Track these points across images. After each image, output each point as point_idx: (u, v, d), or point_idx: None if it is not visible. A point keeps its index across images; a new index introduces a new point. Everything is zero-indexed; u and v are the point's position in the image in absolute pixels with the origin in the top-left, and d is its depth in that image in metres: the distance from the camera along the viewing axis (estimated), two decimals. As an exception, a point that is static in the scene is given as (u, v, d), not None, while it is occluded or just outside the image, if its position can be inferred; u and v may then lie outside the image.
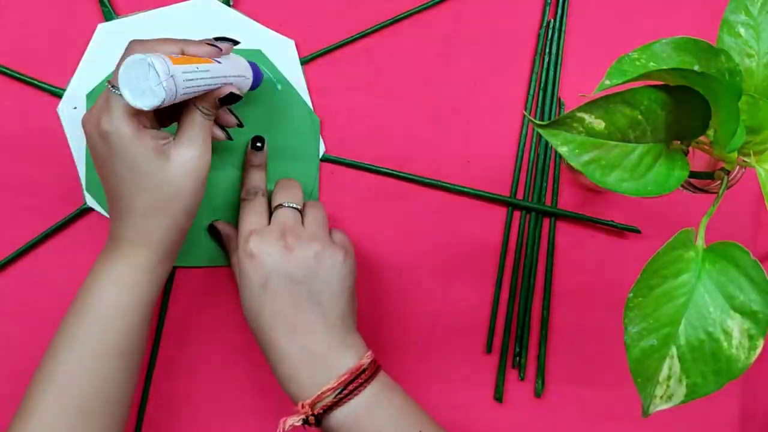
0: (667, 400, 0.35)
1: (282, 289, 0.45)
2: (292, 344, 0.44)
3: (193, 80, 0.41)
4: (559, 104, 0.55)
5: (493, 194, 0.55)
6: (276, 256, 0.45)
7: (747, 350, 0.34)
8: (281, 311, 0.45)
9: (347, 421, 0.44)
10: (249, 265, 0.45)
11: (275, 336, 0.45)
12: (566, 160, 0.35)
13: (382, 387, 0.45)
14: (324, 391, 0.43)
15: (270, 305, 0.45)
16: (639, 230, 0.55)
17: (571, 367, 0.55)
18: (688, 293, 0.36)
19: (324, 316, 0.45)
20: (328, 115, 0.54)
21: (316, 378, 0.44)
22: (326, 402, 0.44)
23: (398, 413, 0.45)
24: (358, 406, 0.44)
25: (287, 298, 0.45)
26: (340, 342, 0.45)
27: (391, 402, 0.45)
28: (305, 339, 0.45)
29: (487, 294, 0.55)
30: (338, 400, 0.43)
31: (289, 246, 0.46)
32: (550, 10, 0.55)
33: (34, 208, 0.53)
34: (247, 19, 0.54)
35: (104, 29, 0.53)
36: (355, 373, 0.44)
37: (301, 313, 0.45)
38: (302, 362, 0.44)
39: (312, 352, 0.44)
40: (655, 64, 0.36)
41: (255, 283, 0.45)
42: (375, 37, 0.55)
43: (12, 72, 0.53)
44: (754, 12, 0.38)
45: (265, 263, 0.45)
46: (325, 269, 0.46)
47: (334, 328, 0.46)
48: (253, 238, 0.46)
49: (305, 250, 0.46)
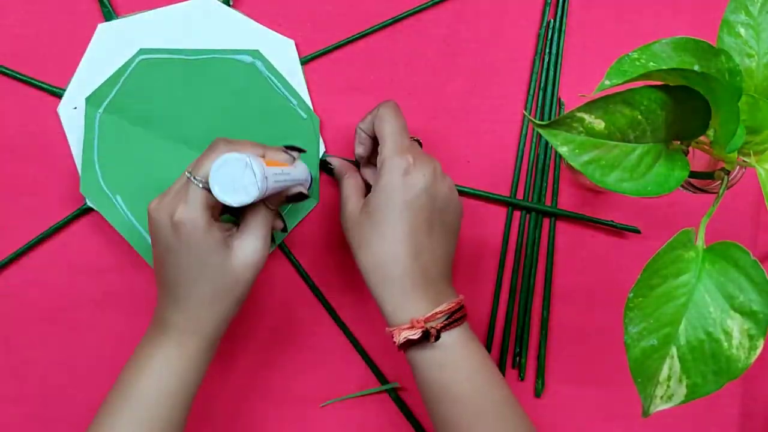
0: (667, 400, 0.35)
1: (426, 210, 0.46)
2: (417, 263, 0.45)
3: (278, 182, 0.43)
4: (559, 104, 0.55)
5: (493, 194, 0.55)
6: (430, 178, 0.46)
7: (747, 350, 0.34)
8: (419, 230, 0.45)
9: (452, 345, 0.45)
10: (403, 181, 0.45)
11: (404, 251, 0.45)
12: (566, 160, 0.35)
13: (470, 329, 0.47)
14: (437, 312, 0.45)
15: (410, 222, 0.45)
16: (639, 230, 0.55)
17: (571, 367, 0.55)
18: (688, 293, 0.36)
19: (445, 246, 0.47)
20: (328, 115, 0.54)
21: (430, 299, 0.45)
22: (437, 323, 0.45)
23: (486, 354, 0.47)
24: (460, 334, 0.46)
25: (426, 221, 0.46)
26: (448, 275, 0.48)
27: (479, 342, 0.47)
28: (429, 261, 0.46)
29: (487, 294, 0.55)
30: (448, 323, 0.45)
31: (437, 171, 0.47)
32: (550, 10, 0.55)
33: (34, 208, 0.53)
34: (247, 19, 0.54)
35: (104, 29, 0.53)
36: (459, 303, 0.46)
37: (433, 237, 0.46)
38: (421, 282, 0.45)
39: (430, 275, 0.46)
40: (655, 64, 0.36)
41: (404, 197, 0.45)
42: (375, 37, 0.55)
43: (12, 72, 0.53)
44: (754, 12, 0.38)
45: (420, 181, 0.45)
46: (454, 203, 0.48)
47: (448, 260, 0.48)
48: (413, 154, 0.46)
49: (445, 181, 0.47)
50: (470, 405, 0.45)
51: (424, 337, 0.44)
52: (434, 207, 0.46)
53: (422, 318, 0.44)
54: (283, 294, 0.54)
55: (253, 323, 0.54)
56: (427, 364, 0.46)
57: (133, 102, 0.52)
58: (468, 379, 0.45)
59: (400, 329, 0.45)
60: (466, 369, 0.46)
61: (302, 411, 0.55)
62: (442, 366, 0.45)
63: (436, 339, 0.44)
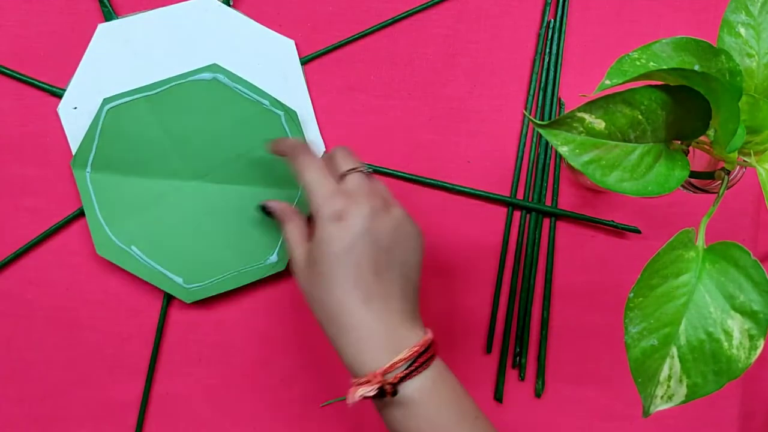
0: (667, 400, 0.35)
1: (367, 254, 0.43)
2: (369, 312, 0.42)
3: None
4: (560, 104, 0.55)
5: (494, 194, 0.55)
6: (365, 220, 0.43)
7: (747, 350, 0.34)
8: (363, 277, 0.43)
9: (414, 395, 0.42)
10: (336, 229, 0.43)
11: (352, 301, 0.42)
12: (566, 160, 0.35)
13: (442, 366, 0.44)
14: (396, 362, 0.42)
15: (352, 270, 0.42)
16: (639, 230, 0.55)
17: (571, 367, 0.55)
18: (688, 293, 0.36)
19: (401, 285, 0.44)
20: (328, 115, 0.54)
21: (388, 348, 0.42)
22: (398, 373, 0.42)
23: (458, 394, 0.44)
24: (426, 379, 0.42)
25: (371, 264, 0.43)
26: (412, 315, 0.44)
27: (452, 381, 0.44)
28: (382, 307, 0.43)
29: (487, 294, 0.55)
30: (409, 372, 0.42)
31: (375, 210, 0.43)
32: (550, 10, 0.55)
33: (34, 208, 0.53)
34: (247, 19, 0.54)
35: (104, 29, 0.53)
36: (424, 345, 0.43)
37: (382, 280, 0.43)
38: (376, 331, 0.42)
39: (387, 321, 0.43)
40: (655, 64, 0.36)
41: (339, 246, 0.42)
42: (375, 37, 0.55)
43: (12, 72, 0.53)
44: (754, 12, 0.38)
45: (354, 226, 0.42)
46: (404, 237, 0.44)
47: (408, 299, 0.44)
48: (340, 198, 0.44)
49: (389, 216, 0.44)
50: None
51: (381, 393, 0.41)
52: (378, 248, 0.43)
53: (380, 371, 0.41)
54: (284, 293, 0.54)
55: (253, 322, 0.54)
56: (390, 417, 0.43)
57: (115, 153, 0.52)
58: (432, 428, 0.42)
59: (356, 386, 0.42)
60: (430, 418, 0.42)
61: (302, 411, 0.55)
62: (405, 417, 0.42)
63: (393, 394, 0.41)
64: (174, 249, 0.53)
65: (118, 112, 0.52)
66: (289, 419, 0.54)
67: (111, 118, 0.52)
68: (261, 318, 0.54)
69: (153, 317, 0.54)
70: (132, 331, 0.54)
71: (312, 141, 0.54)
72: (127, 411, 0.54)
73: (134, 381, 0.54)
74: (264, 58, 0.54)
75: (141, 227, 0.53)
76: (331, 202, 0.43)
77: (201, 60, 0.53)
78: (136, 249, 0.52)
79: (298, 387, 0.55)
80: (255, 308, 0.54)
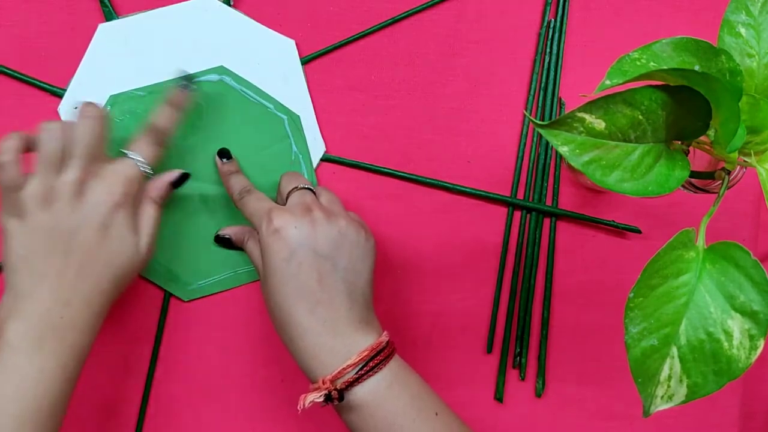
0: (667, 400, 0.35)
1: (307, 263, 0.44)
2: (315, 319, 0.43)
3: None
4: (560, 104, 0.55)
5: (494, 194, 0.55)
6: (302, 230, 0.44)
7: (747, 350, 0.34)
8: (306, 285, 0.44)
9: (366, 398, 0.43)
10: (274, 241, 0.44)
11: (298, 310, 0.44)
12: (566, 160, 0.35)
13: (399, 366, 0.45)
14: (345, 367, 0.43)
15: (294, 279, 0.44)
16: (639, 230, 0.55)
17: (571, 367, 0.55)
18: (688, 293, 0.36)
19: (347, 292, 0.45)
20: (328, 115, 0.54)
21: (337, 354, 0.43)
22: (347, 378, 0.43)
23: (416, 393, 0.45)
24: (377, 383, 0.43)
25: (312, 273, 0.44)
26: (361, 319, 0.45)
27: (408, 381, 0.45)
28: (328, 314, 0.44)
29: (488, 294, 0.55)
30: (359, 377, 0.43)
31: (314, 220, 0.45)
32: (551, 10, 0.55)
33: (34, 208, 0.53)
34: (248, 19, 0.54)
35: (105, 29, 0.53)
36: (375, 349, 0.44)
37: (325, 288, 0.44)
38: (324, 337, 0.43)
39: (334, 327, 0.44)
40: (655, 64, 0.36)
41: (279, 257, 0.44)
42: (375, 37, 0.55)
43: (12, 72, 0.53)
44: (754, 12, 0.38)
45: (290, 237, 0.44)
46: (348, 245, 0.45)
47: (356, 304, 0.45)
48: (276, 213, 0.45)
49: (330, 225, 0.45)
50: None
51: (328, 398, 0.42)
52: (318, 256, 0.44)
53: (329, 377, 0.42)
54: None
55: (253, 322, 0.54)
56: (347, 420, 0.44)
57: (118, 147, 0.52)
58: (390, 427, 0.43)
59: (307, 393, 0.43)
60: (386, 418, 0.43)
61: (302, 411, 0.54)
62: (361, 419, 0.43)
63: (340, 400, 0.42)
64: (173, 247, 0.53)
65: (124, 107, 0.52)
66: (289, 419, 0.54)
67: (116, 113, 0.52)
68: (261, 318, 0.54)
69: (153, 317, 0.54)
70: (132, 331, 0.54)
71: (312, 141, 0.54)
72: (128, 411, 0.54)
73: (134, 381, 0.54)
74: (264, 57, 0.54)
75: None
76: (268, 218, 0.45)
77: (201, 60, 0.53)
78: None
79: (298, 387, 0.55)
80: (255, 308, 0.54)
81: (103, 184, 0.45)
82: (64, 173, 0.44)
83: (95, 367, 0.54)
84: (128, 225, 0.46)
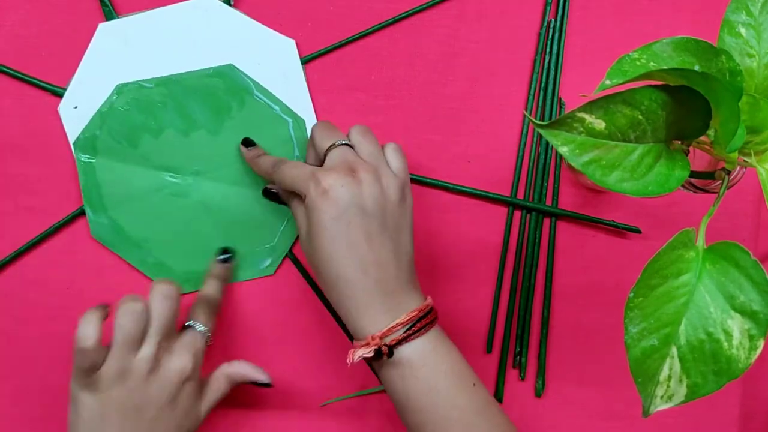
0: (667, 400, 0.35)
1: (356, 222, 0.44)
2: (365, 278, 0.44)
3: None
4: (560, 104, 0.55)
5: (494, 194, 0.55)
6: (349, 189, 0.44)
7: (747, 350, 0.34)
8: (356, 244, 0.44)
9: (412, 357, 0.44)
10: (323, 201, 0.44)
11: (348, 270, 0.44)
12: (566, 160, 0.35)
13: (441, 333, 0.46)
14: (395, 325, 0.44)
15: (344, 238, 0.44)
16: (639, 230, 0.55)
17: (571, 367, 0.55)
18: (688, 293, 0.36)
19: (394, 251, 0.45)
20: (328, 115, 0.54)
21: (387, 312, 0.44)
22: (396, 336, 0.44)
23: (457, 360, 0.46)
24: (423, 344, 0.44)
25: (361, 232, 0.44)
26: (408, 280, 0.46)
27: (450, 349, 0.46)
28: (378, 273, 0.44)
29: (488, 293, 0.55)
30: (407, 336, 0.44)
31: (360, 180, 0.45)
32: (551, 10, 0.55)
33: (34, 208, 0.53)
34: (248, 18, 0.54)
35: (105, 29, 0.53)
36: (423, 311, 0.45)
37: (374, 247, 0.45)
38: (374, 296, 0.44)
39: (384, 286, 0.44)
40: (655, 64, 0.36)
41: (328, 216, 0.44)
42: (375, 37, 0.55)
43: (12, 71, 0.53)
44: (754, 12, 0.38)
45: (339, 197, 0.44)
46: (392, 204, 0.46)
47: (402, 264, 0.46)
48: (322, 174, 0.45)
49: (375, 185, 0.45)
50: (433, 414, 0.44)
51: (378, 354, 0.43)
52: (366, 215, 0.44)
53: (378, 334, 0.44)
54: (284, 293, 0.54)
55: (253, 323, 0.54)
56: (389, 377, 0.45)
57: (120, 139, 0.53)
58: (431, 389, 0.44)
59: (355, 348, 0.44)
60: (428, 379, 0.44)
61: (302, 411, 0.55)
62: (403, 377, 0.44)
63: (389, 356, 0.44)
64: (169, 241, 0.53)
65: (130, 97, 0.52)
66: (289, 419, 0.54)
67: (121, 103, 0.52)
68: (261, 318, 0.54)
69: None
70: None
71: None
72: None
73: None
74: (265, 57, 0.54)
75: (138, 216, 0.53)
76: (315, 180, 0.45)
77: (202, 59, 0.53)
78: (130, 236, 0.53)
79: (298, 387, 0.55)
80: (255, 309, 0.54)
81: (175, 360, 0.47)
82: (141, 351, 0.46)
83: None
84: (195, 395, 0.48)
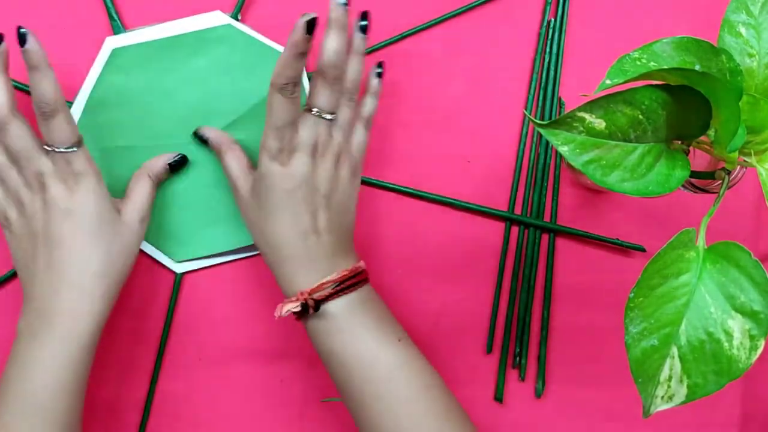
0: (668, 401, 0.35)
1: (306, 198, 0.47)
2: (304, 245, 0.47)
3: None
4: (560, 104, 0.55)
5: (491, 209, 0.55)
6: (309, 168, 0.47)
7: (748, 350, 0.34)
8: (301, 216, 0.47)
9: (338, 311, 0.46)
10: (277, 170, 0.46)
11: (290, 237, 0.47)
12: (567, 159, 0.35)
13: (372, 292, 0.49)
14: (324, 282, 0.46)
15: (291, 210, 0.47)
16: (644, 248, 0.54)
17: (571, 368, 0.55)
18: (689, 293, 0.36)
19: (338, 224, 0.48)
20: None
21: (317, 272, 0.47)
22: (324, 292, 0.46)
23: (385, 317, 0.48)
24: (351, 300, 0.47)
25: (308, 207, 0.47)
26: (343, 248, 0.49)
27: (380, 306, 0.49)
28: (317, 242, 0.47)
29: (488, 294, 0.55)
30: (335, 292, 0.46)
31: (319, 161, 0.47)
32: (551, 9, 0.55)
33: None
34: (255, 33, 0.53)
35: (113, 43, 0.53)
36: (353, 271, 0.47)
37: (318, 221, 0.47)
38: (308, 261, 0.47)
39: (318, 253, 0.47)
40: (655, 63, 0.36)
41: (281, 187, 0.47)
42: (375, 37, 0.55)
43: (19, 84, 0.52)
44: (755, 12, 0.38)
45: (296, 174, 0.47)
46: (343, 184, 0.49)
47: (342, 236, 0.49)
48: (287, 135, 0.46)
49: (331, 168, 0.48)
50: (357, 369, 0.46)
51: (304, 309, 0.46)
52: (317, 193, 0.47)
53: (307, 290, 0.46)
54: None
55: (253, 321, 0.54)
56: (316, 333, 0.47)
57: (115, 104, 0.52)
58: (353, 341, 0.46)
59: (284, 303, 0.46)
60: (351, 331, 0.47)
61: (302, 411, 0.55)
62: (328, 332, 0.47)
63: (315, 310, 0.46)
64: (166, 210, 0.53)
65: (124, 59, 0.52)
66: (289, 419, 0.54)
67: (115, 64, 0.52)
68: (261, 318, 0.54)
69: (155, 317, 0.54)
70: (134, 331, 0.54)
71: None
72: (130, 410, 0.54)
73: (137, 381, 0.54)
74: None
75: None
76: (276, 137, 0.46)
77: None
78: None
79: (298, 387, 0.55)
80: (255, 309, 0.54)
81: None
82: None
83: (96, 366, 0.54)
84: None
